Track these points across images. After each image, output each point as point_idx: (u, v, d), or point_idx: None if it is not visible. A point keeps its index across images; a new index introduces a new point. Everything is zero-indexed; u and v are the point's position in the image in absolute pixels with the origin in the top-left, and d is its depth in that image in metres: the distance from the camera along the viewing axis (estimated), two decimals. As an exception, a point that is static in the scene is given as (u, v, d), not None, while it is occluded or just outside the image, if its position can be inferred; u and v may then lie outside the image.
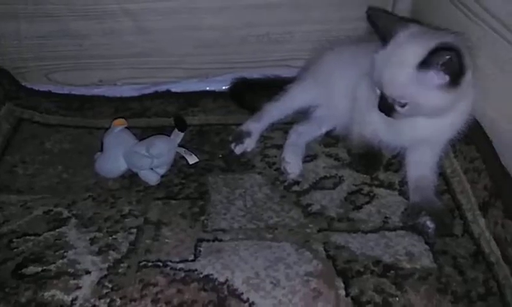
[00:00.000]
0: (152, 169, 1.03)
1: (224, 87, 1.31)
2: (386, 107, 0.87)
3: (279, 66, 1.28)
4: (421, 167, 0.96)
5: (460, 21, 0.95)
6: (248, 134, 1.12)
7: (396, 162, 1.06)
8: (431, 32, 0.87)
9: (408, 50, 0.83)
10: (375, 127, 1.00)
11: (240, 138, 1.12)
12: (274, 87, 1.19)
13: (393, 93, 0.85)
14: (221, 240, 0.90)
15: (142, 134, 1.15)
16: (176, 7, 1.17)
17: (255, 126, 1.14)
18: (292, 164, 1.05)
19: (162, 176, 1.04)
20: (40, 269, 0.84)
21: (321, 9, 1.19)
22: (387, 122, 0.94)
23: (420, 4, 1.21)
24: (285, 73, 1.25)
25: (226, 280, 0.82)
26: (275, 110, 1.15)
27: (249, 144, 1.12)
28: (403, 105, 0.85)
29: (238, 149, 1.11)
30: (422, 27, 0.89)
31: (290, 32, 1.24)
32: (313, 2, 1.18)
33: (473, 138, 0.92)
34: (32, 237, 0.91)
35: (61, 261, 0.86)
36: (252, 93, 1.24)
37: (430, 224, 0.87)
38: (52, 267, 0.85)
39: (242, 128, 1.13)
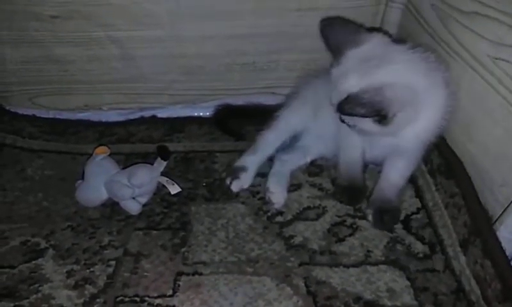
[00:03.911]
0: (133, 198, 1.01)
1: (209, 114, 1.30)
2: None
3: (264, 93, 1.28)
4: (392, 176, 0.97)
5: (441, 57, 0.95)
6: (244, 169, 1.07)
7: (379, 193, 1.06)
8: (377, 58, 0.82)
9: (344, 82, 0.82)
10: (359, 149, 1.00)
11: (235, 173, 1.06)
12: (258, 114, 1.19)
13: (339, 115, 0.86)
14: (201, 274, 0.88)
15: (126, 161, 1.15)
16: (162, 35, 1.17)
17: (251, 159, 1.08)
18: (277, 193, 1.04)
19: (144, 205, 1.03)
20: (12, 305, 0.82)
21: (306, 39, 1.19)
22: (368, 140, 0.96)
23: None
24: (270, 100, 1.26)
25: (204, 317, 0.80)
26: (271, 139, 1.09)
27: (245, 180, 1.06)
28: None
29: (235, 186, 1.05)
30: (375, 45, 0.85)
31: (275, 61, 1.24)
32: (298, 31, 1.18)
33: (453, 173, 0.92)
34: (6, 270, 0.89)
35: (35, 296, 0.84)
36: (236, 120, 1.24)
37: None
38: (25, 302, 0.83)
39: (237, 164, 1.08)
